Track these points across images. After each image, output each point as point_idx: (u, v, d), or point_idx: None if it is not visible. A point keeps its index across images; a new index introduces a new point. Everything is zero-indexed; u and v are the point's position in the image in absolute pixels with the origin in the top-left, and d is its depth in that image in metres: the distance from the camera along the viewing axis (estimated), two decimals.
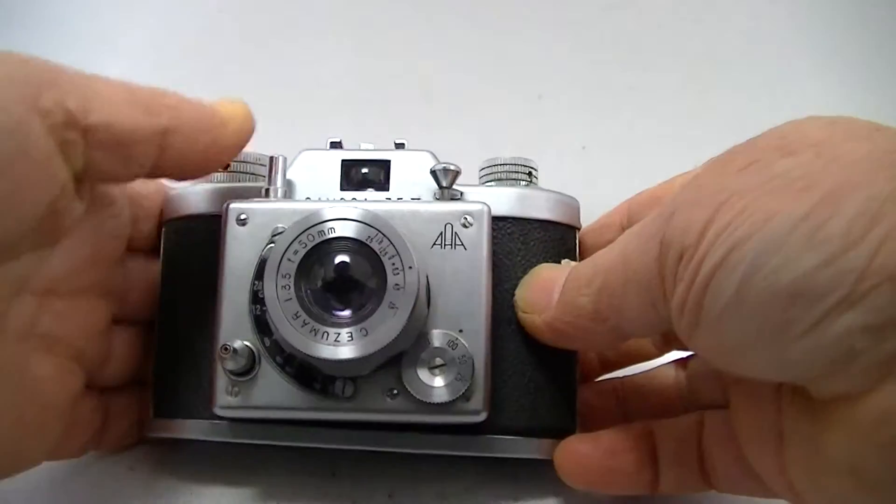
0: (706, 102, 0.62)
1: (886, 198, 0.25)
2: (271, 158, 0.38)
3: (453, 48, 0.64)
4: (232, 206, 0.36)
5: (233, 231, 0.36)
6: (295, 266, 0.33)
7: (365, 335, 0.32)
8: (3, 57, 0.31)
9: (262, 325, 0.35)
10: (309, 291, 0.33)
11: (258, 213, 0.36)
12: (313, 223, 0.33)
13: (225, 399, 0.34)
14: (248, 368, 0.34)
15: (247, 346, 0.34)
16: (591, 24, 0.66)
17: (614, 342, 0.36)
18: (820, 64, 0.65)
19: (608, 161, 0.58)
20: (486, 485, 0.39)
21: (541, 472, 0.38)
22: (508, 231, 0.38)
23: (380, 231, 0.33)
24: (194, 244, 0.38)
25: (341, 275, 0.33)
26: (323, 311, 0.33)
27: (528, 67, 0.63)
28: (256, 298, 0.35)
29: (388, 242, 0.33)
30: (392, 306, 0.32)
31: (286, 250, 0.33)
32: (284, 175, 0.38)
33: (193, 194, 0.39)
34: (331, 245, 0.33)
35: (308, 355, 0.32)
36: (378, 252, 0.33)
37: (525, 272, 0.37)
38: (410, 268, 0.32)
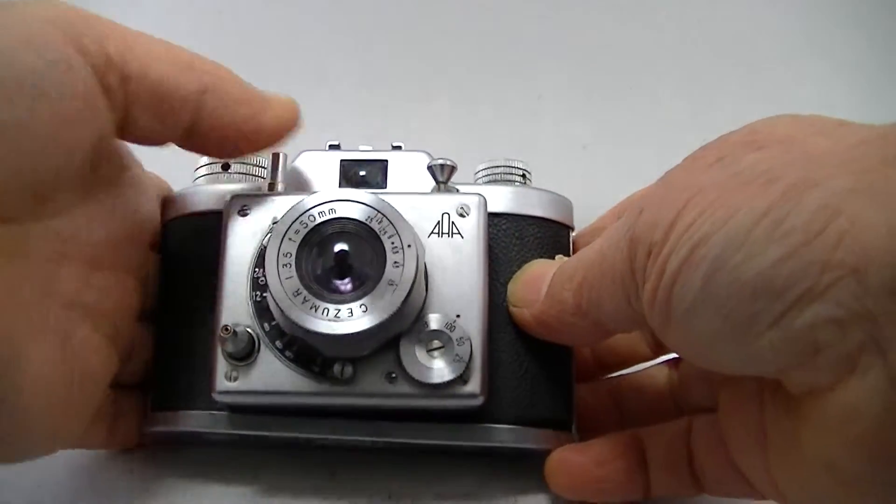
0: (707, 102, 0.62)
1: (848, 191, 0.25)
2: (273, 155, 0.39)
3: (453, 48, 0.64)
4: (234, 197, 0.37)
5: (234, 221, 0.36)
6: (296, 245, 0.33)
7: (365, 311, 0.32)
8: (44, 2, 0.32)
9: (262, 311, 0.35)
10: (309, 269, 0.33)
11: (260, 204, 0.37)
12: (314, 204, 0.34)
13: (224, 384, 0.34)
14: (247, 353, 0.34)
15: (247, 331, 0.35)
16: (592, 24, 0.66)
17: (598, 336, 0.37)
18: (821, 65, 0.65)
19: (608, 161, 0.58)
20: (485, 487, 0.39)
21: (540, 475, 0.38)
22: (504, 227, 0.38)
23: (379, 211, 0.34)
24: (196, 239, 0.39)
25: (342, 253, 0.33)
26: (323, 289, 0.33)
27: (528, 67, 0.63)
28: (257, 285, 0.35)
29: (388, 222, 0.33)
30: (391, 283, 0.32)
31: (287, 230, 0.33)
32: (286, 171, 0.39)
33: (194, 194, 0.40)
34: (331, 225, 0.34)
35: (309, 330, 0.32)
36: (377, 231, 0.33)
37: (520, 267, 0.38)
38: (409, 246, 0.33)
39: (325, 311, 0.32)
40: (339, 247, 0.33)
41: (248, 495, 0.39)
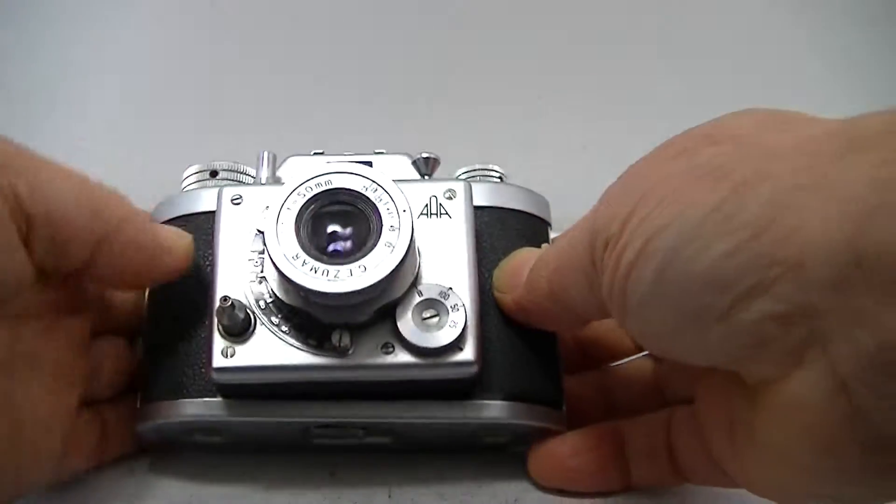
0: (707, 103, 0.62)
1: (797, 185, 0.25)
2: (262, 153, 0.40)
3: (453, 48, 0.64)
4: (225, 188, 0.38)
5: (227, 210, 0.37)
6: (294, 213, 0.34)
7: (364, 271, 0.33)
8: None
9: (257, 289, 0.36)
10: (307, 236, 0.34)
11: (252, 194, 0.38)
12: (311, 177, 0.35)
13: (221, 360, 0.34)
14: (244, 328, 0.35)
15: (244, 307, 0.35)
16: (592, 24, 0.66)
17: (573, 323, 0.38)
18: (823, 65, 0.65)
19: (608, 161, 0.58)
20: (485, 486, 0.39)
21: None
22: (487, 219, 0.40)
23: (374, 181, 0.35)
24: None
25: (339, 219, 0.34)
26: (322, 254, 0.34)
27: (528, 67, 0.64)
28: (251, 266, 0.36)
29: (383, 190, 0.35)
30: (388, 245, 0.33)
31: (286, 200, 0.34)
32: (274, 168, 0.40)
33: (184, 197, 0.40)
34: (329, 194, 0.35)
35: (309, 290, 0.33)
36: (374, 199, 0.34)
37: (505, 255, 0.39)
38: (404, 211, 0.34)
39: (325, 272, 0.33)
40: (336, 214, 0.34)
41: (248, 495, 0.38)
